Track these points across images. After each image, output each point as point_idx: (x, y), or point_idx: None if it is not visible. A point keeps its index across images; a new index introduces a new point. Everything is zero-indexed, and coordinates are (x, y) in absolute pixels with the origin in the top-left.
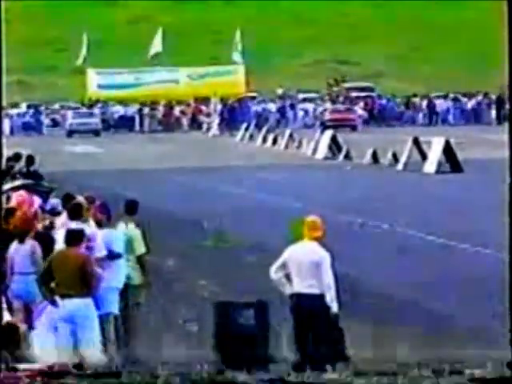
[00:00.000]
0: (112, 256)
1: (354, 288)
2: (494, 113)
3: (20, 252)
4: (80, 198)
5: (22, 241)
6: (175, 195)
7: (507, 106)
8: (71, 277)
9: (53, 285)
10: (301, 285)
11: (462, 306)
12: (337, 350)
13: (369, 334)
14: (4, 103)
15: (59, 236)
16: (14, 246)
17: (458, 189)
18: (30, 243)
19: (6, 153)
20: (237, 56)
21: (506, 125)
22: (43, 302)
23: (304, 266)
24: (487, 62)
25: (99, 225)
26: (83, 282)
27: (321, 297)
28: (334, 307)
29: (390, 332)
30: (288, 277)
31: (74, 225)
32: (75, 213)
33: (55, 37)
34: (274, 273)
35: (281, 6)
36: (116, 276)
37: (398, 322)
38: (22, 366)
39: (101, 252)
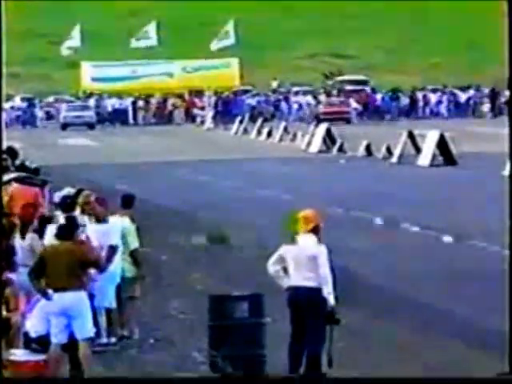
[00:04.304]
0: (110, 249)
1: (350, 281)
2: (488, 106)
3: (22, 244)
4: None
5: (23, 233)
6: (169, 188)
7: (502, 100)
8: (64, 270)
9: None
10: (298, 278)
11: (456, 301)
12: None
13: (366, 327)
14: None
15: (48, 230)
16: (18, 238)
17: (452, 182)
18: (30, 236)
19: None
20: (224, 43)
21: (501, 118)
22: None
23: (301, 259)
24: (484, 55)
25: (98, 218)
26: (76, 275)
27: (318, 290)
28: (331, 300)
29: (386, 326)
30: (285, 270)
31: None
32: (67, 206)
33: (50, 29)
34: (272, 266)
35: None
36: (112, 269)
37: (393, 316)
38: (17, 357)
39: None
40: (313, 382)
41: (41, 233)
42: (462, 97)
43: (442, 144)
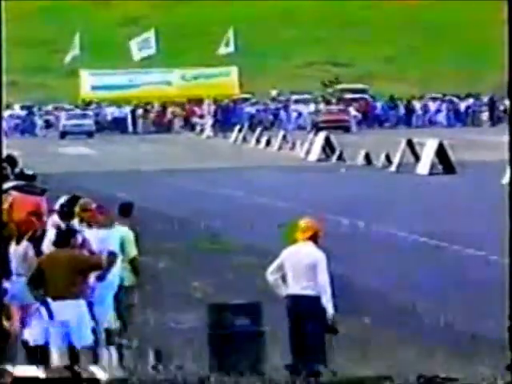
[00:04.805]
0: (109, 256)
1: (349, 289)
2: (487, 115)
3: (16, 252)
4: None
5: (18, 242)
6: (168, 196)
7: (501, 108)
8: (63, 279)
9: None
10: (297, 286)
11: (455, 309)
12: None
13: (363, 335)
14: None
15: (47, 238)
16: (13, 247)
17: (451, 190)
18: (25, 244)
19: None
20: (225, 50)
21: (500, 126)
22: (36, 303)
23: (300, 267)
24: (482, 63)
25: (98, 226)
26: (75, 283)
27: (316, 298)
28: (330, 308)
29: (383, 335)
30: (284, 278)
31: (60, 225)
32: (65, 214)
33: (49, 37)
34: (270, 274)
35: (275, 7)
36: (110, 277)
37: (393, 324)
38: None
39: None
40: None
41: (39, 242)
42: (461, 105)
43: (441, 152)
